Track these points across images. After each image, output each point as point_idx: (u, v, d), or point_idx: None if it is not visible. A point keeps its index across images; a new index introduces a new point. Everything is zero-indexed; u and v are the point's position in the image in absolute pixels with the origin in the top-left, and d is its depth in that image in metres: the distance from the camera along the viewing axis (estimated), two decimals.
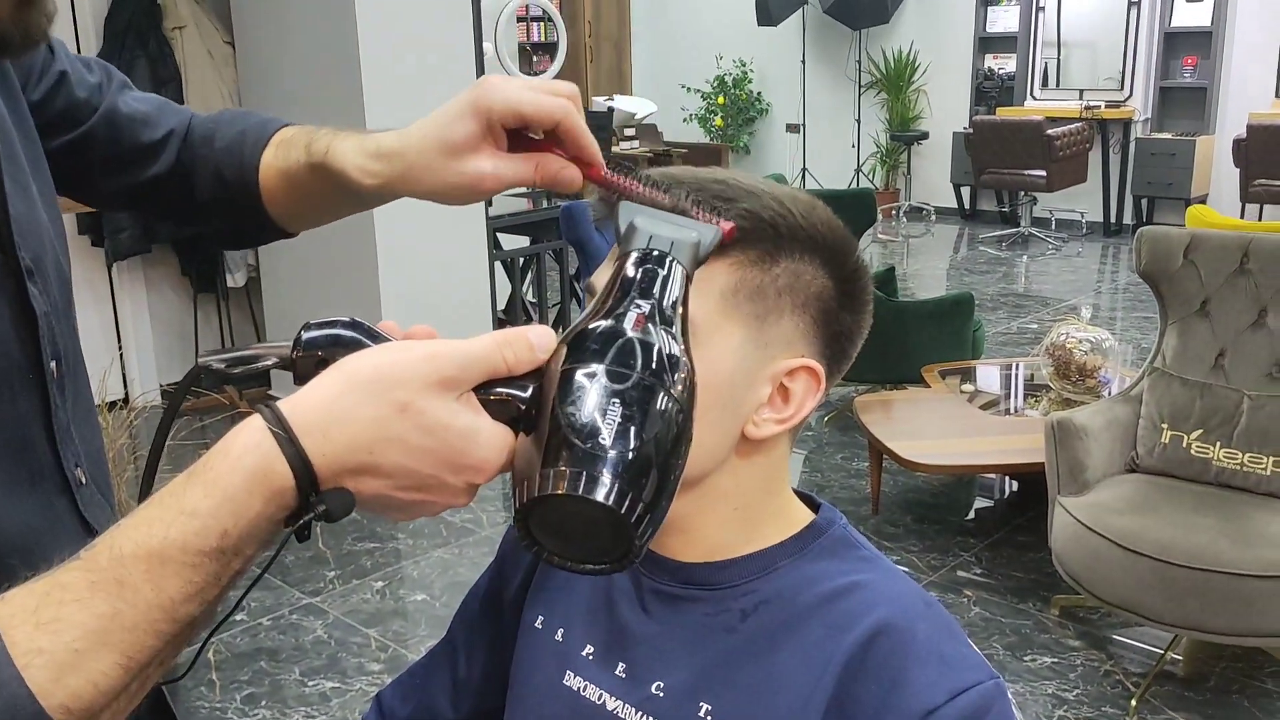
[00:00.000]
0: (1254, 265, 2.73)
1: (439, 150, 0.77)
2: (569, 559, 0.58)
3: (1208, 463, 2.64)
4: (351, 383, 0.55)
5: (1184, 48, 8.14)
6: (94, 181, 0.95)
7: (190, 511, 0.52)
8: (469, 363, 0.56)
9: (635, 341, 0.58)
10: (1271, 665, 2.64)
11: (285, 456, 0.53)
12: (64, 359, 0.80)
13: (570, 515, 0.55)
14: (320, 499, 0.54)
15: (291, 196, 0.94)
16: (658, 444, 0.56)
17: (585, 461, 0.54)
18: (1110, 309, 6.43)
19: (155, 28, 4.31)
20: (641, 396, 0.56)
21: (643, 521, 0.55)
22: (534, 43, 9.45)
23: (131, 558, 0.51)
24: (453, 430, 0.55)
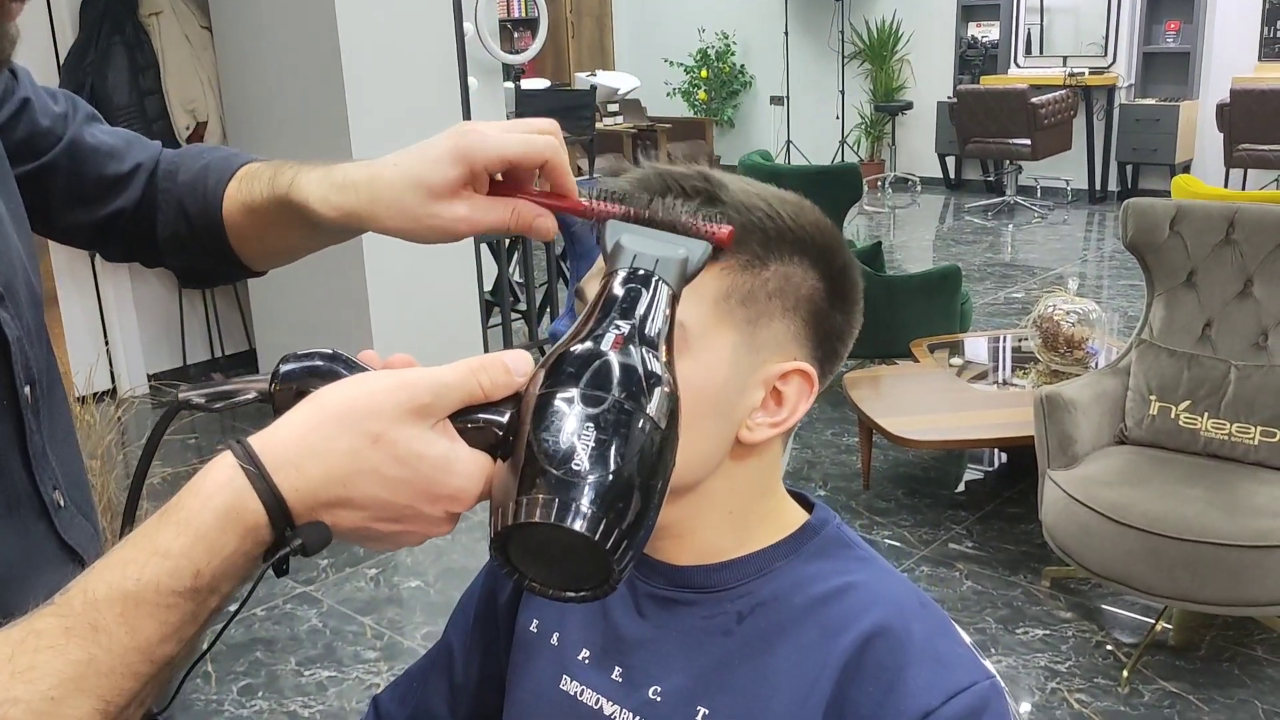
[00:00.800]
0: (1240, 235, 2.74)
1: (414, 190, 0.75)
2: (550, 586, 0.57)
3: (1196, 433, 2.65)
4: (323, 415, 0.55)
5: (1167, 12, 8.12)
6: (52, 214, 0.92)
7: (163, 552, 0.51)
8: (442, 390, 0.56)
9: (613, 364, 0.57)
10: (1261, 633, 2.66)
11: (257, 493, 0.52)
12: (38, 383, 0.79)
13: (548, 542, 0.54)
14: (296, 534, 0.54)
15: (256, 231, 0.92)
16: (637, 468, 0.55)
17: (559, 488, 0.53)
18: (1096, 277, 6.45)
19: (132, 14, 4.27)
20: (618, 420, 0.56)
21: (620, 547, 0.54)
22: (514, 19, 9.36)
23: (105, 601, 0.51)
24: (427, 460, 0.55)
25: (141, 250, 0.98)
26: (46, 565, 0.77)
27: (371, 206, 0.77)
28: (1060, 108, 7.84)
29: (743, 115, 10.33)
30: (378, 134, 3.97)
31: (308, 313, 4.36)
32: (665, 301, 0.63)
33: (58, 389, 0.85)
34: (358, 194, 0.78)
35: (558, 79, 9.28)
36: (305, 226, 0.85)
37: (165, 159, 0.97)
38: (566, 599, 0.56)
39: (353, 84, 3.91)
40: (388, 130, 3.99)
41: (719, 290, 0.71)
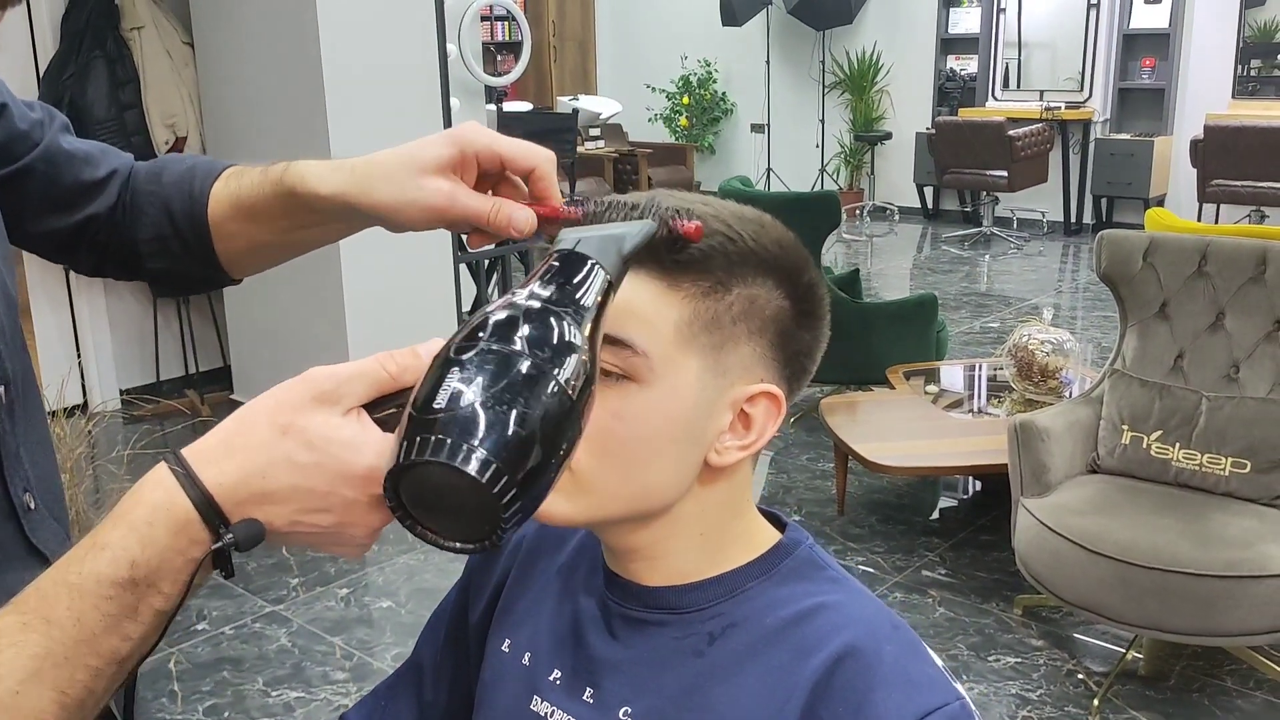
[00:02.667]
0: (1212, 268, 2.77)
1: (405, 165, 0.78)
2: (441, 536, 0.57)
3: (1167, 463, 2.67)
4: (240, 417, 0.58)
5: (1142, 49, 8.24)
6: (26, 220, 0.92)
7: (101, 544, 0.55)
8: (347, 377, 0.59)
9: (523, 323, 0.58)
10: (1231, 664, 2.68)
11: (184, 490, 0.56)
12: (12, 384, 0.78)
13: (440, 488, 0.54)
14: (229, 530, 0.57)
15: (242, 226, 0.92)
16: (539, 425, 0.55)
17: (454, 429, 0.53)
18: (1071, 308, 6.50)
19: (113, 28, 4.26)
20: (526, 376, 0.56)
21: (509, 496, 0.54)
22: (498, 42, 9.40)
23: (53, 595, 0.54)
24: (335, 442, 0.57)
25: (113, 259, 0.98)
26: (11, 566, 0.77)
27: (363, 182, 0.81)
28: (1037, 141, 7.93)
29: (723, 142, 10.40)
30: (359, 151, 3.92)
31: (283, 329, 4.34)
32: (594, 278, 0.62)
33: (33, 393, 0.84)
34: (353, 172, 0.82)
35: (540, 102, 9.32)
36: (295, 213, 0.87)
37: (144, 165, 0.98)
38: (454, 549, 0.56)
39: (335, 103, 3.91)
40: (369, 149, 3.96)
41: (681, 317, 0.70)
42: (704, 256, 0.70)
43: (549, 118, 7.49)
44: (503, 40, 9.45)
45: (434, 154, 0.77)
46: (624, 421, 0.71)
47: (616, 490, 0.72)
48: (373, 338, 4.07)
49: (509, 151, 0.77)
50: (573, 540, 0.86)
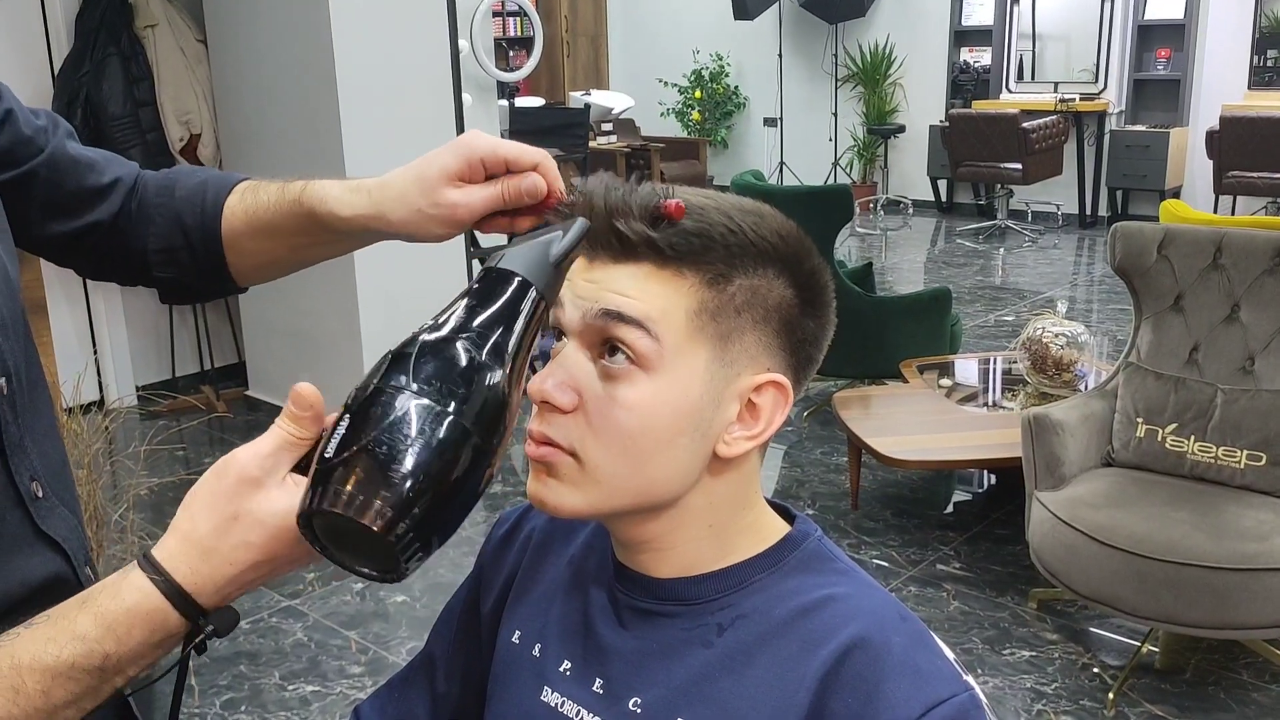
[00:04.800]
0: (1227, 260, 2.76)
1: (415, 182, 0.82)
2: (352, 563, 0.60)
3: (1182, 456, 2.66)
4: (191, 516, 0.65)
5: (1157, 40, 8.19)
6: (30, 224, 0.94)
7: (80, 637, 0.62)
8: (263, 454, 0.65)
9: (411, 356, 0.59)
10: (1247, 657, 2.67)
11: (162, 592, 0.63)
12: (14, 375, 0.79)
13: (345, 527, 0.57)
14: (208, 620, 0.64)
15: (256, 241, 0.95)
16: (427, 460, 0.56)
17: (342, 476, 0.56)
18: (1086, 301, 6.47)
19: (127, 26, 4.27)
20: (405, 409, 0.57)
21: (405, 540, 0.56)
22: (510, 38, 9.41)
23: (28, 669, 0.61)
24: (278, 513, 0.64)
25: (117, 266, 1.00)
26: (18, 551, 0.79)
27: (380, 205, 0.85)
28: (1051, 133, 7.89)
29: (736, 136, 10.38)
30: (371, 147, 3.99)
31: (298, 326, 4.36)
32: (516, 294, 0.63)
33: (40, 384, 0.86)
34: (369, 195, 0.86)
35: (552, 97, 9.32)
36: (313, 231, 0.90)
37: (154, 176, 0.99)
38: (366, 576, 0.61)
39: (347, 98, 3.92)
40: (381, 144, 4.00)
41: (689, 308, 0.71)
42: (705, 247, 0.71)
43: (561, 113, 7.49)
44: (515, 36, 9.45)
45: (440, 167, 0.82)
46: (632, 412, 0.71)
47: (625, 481, 0.73)
48: (386, 333, 4.08)
49: (512, 153, 0.81)
50: (582, 533, 0.87)
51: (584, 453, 0.72)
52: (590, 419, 0.71)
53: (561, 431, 0.72)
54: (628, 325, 0.70)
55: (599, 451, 0.72)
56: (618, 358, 0.71)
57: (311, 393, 0.66)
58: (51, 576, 0.82)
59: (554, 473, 0.73)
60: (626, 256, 0.71)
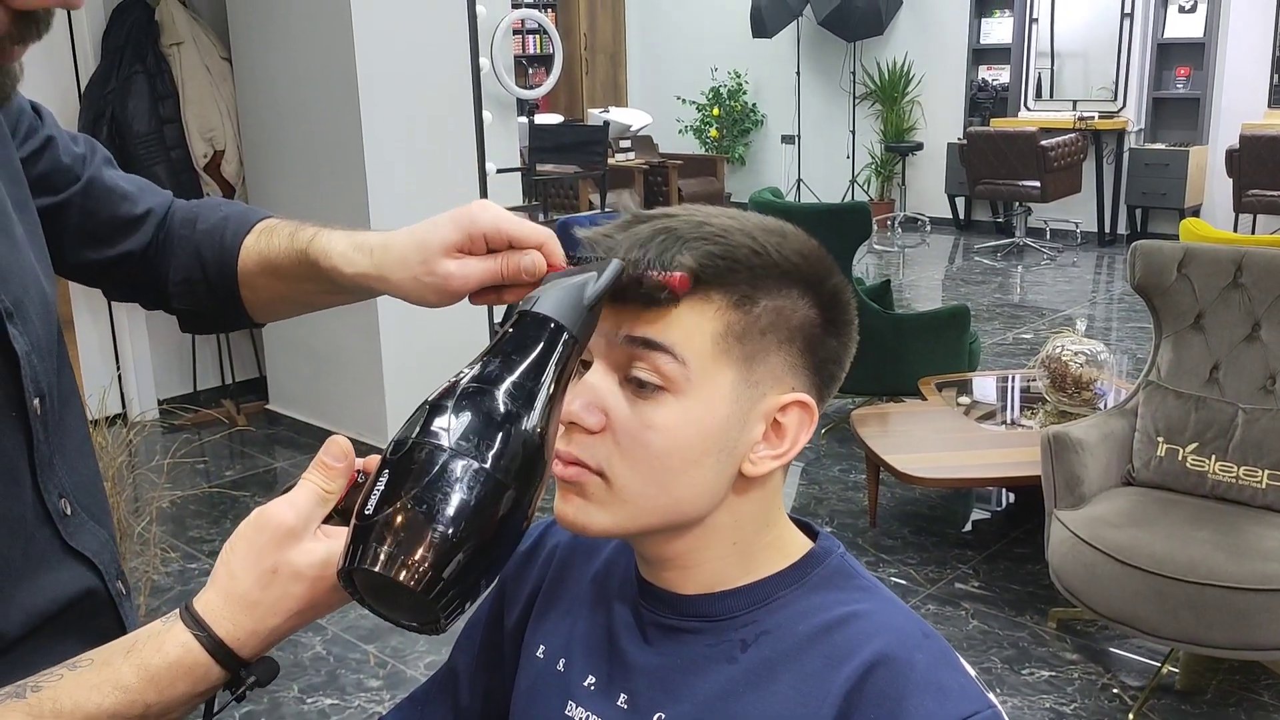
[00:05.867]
0: (1247, 279, 2.75)
1: (416, 249, 0.82)
2: (392, 615, 0.62)
3: (1203, 476, 2.65)
4: (231, 572, 0.67)
5: (1177, 58, 8.18)
6: (64, 251, 0.96)
7: (123, 688, 0.64)
8: (300, 506, 0.67)
9: (448, 408, 0.60)
10: (1268, 678, 2.65)
11: (205, 648, 0.65)
12: (47, 396, 0.81)
13: (381, 586, 0.58)
14: (249, 671, 0.67)
15: (268, 282, 0.97)
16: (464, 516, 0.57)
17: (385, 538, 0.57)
18: (1105, 319, 6.45)
19: (153, 44, 4.33)
20: (442, 466, 0.57)
21: (444, 597, 0.57)
22: (530, 55, 9.47)
23: (69, 715, 0.63)
24: (316, 566, 0.66)
25: (144, 293, 1.02)
26: (48, 567, 0.80)
27: (380, 267, 0.86)
28: (1070, 151, 7.88)
29: (754, 153, 10.40)
30: (393, 164, 4.02)
31: (319, 341, 4.39)
32: (551, 338, 0.64)
33: (73, 402, 0.87)
34: (371, 256, 0.87)
35: (571, 115, 9.36)
36: (318, 280, 0.92)
37: (182, 207, 1.01)
38: (402, 626, 0.63)
39: (369, 115, 3.96)
40: (403, 161, 4.03)
41: (715, 330, 0.72)
42: (730, 269, 0.72)
43: (579, 130, 7.52)
44: (534, 53, 9.52)
45: (441, 239, 0.81)
46: (660, 433, 0.72)
47: (652, 501, 0.73)
48: (406, 349, 4.10)
49: (516, 231, 0.80)
50: (605, 549, 0.87)
51: (611, 473, 0.73)
52: (618, 439, 0.72)
53: (589, 452, 0.73)
54: (655, 350, 0.71)
55: (626, 471, 0.72)
56: (645, 380, 0.72)
57: (345, 446, 0.69)
58: (82, 591, 0.83)
59: (582, 493, 0.74)
60: None
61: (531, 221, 0.82)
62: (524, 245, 0.80)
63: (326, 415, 4.45)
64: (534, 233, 0.80)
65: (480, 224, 0.80)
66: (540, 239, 0.80)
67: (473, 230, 0.80)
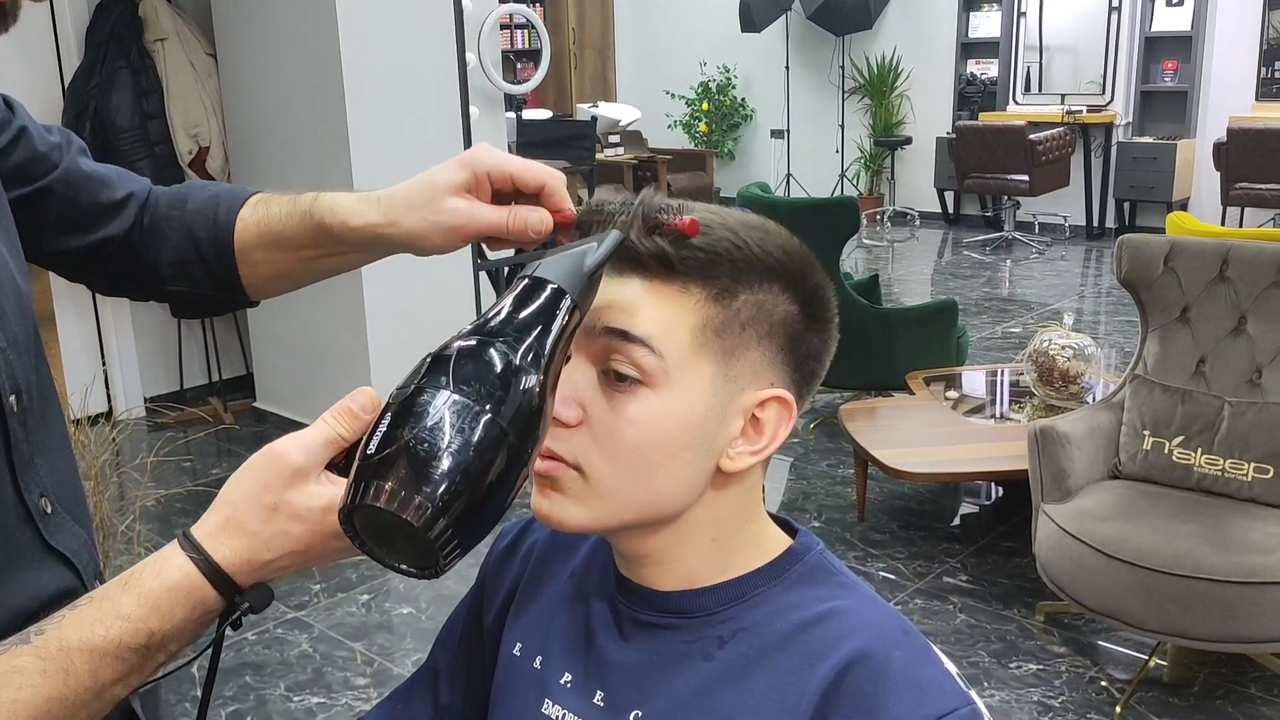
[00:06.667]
0: (1233, 273, 2.75)
1: (423, 190, 0.83)
2: (391, 559, 0.61)
3: (1189, 469, 2.65)
4: (232, 501, 0.67)
5: (1164, 52, 8.19)
6: (43, 240, 0.95)
7: (125, 616, 0.64)
8: (310, 448, 0.67)
9: (460, 361, 0.60)
10: (1255, 671, 2.65)
11: (200, 570, 0.65)
12: (24, 393, 0.80)
13: (387, 523, 0.58)
14: (244, 597, 0.67)
15: (267, 254, 0.96)
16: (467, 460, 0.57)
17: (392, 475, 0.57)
18: (1094, 313, 6.46)
19: (137, 39, 4.30)
20: (445, 409, 0.58)
21: (444, 536, 0.57)
22: (517, 50, 9.45)
23: (76, 650, 0.63)
24: (317, 509, 0.66)
25: (131, 281, 1.01)
26: (28, 566, 0.80)
27: (390, 213, 0.86)
28: (1058, 145, 7.89)
29: (743, 148, 10.40)
30: (379, 160, 4.00)
31: (306, 338, 4.38)
32: (552, 301, 0.64)
33: (50, 400, 0.86)
34: (379, 204, 0.87)
35: (559, 109, 9.34)
36: (322, 243, 0.92)
37: (165, 192, 1.00)
38: (403, 573, 0.62)
39: (355, 111, 3.94)
40: (389, 156, 4.02)
41: (695, 323, 0.71)
42: (711, 262, 0.71)
43: (567, 125, 7.51)
44: (522, 48, 9.50)
45: (448, 178, 0.82)
46: (637, 427, 0.71)
47: (629, 496, 0.73)
48: (394, 346, 4.09)
49: (518, 170, 0.81)
50: (584, 546, 0.87)
51: (588, 467, 0.72)
52: (595, 433, 0.72)
53: (566, 446, 0.72)
54: (632, 343, 0.71)
55: (603, 466, 0.72)
56: (623, 374, 0.71)
57: (374, 399, 0.68)
58: (61, 591, 0.82)
59: (558, 487, 0.73)
60: (632, 272, 0.72)
61: (535, 164, 0.82)
62: (525, 184, 0.81)
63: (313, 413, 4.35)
64: (537, 173, 0.81)
65: (483, 163, 0.82)
66: (542, 179, 0.81)
67: (477, 168, 0.82)
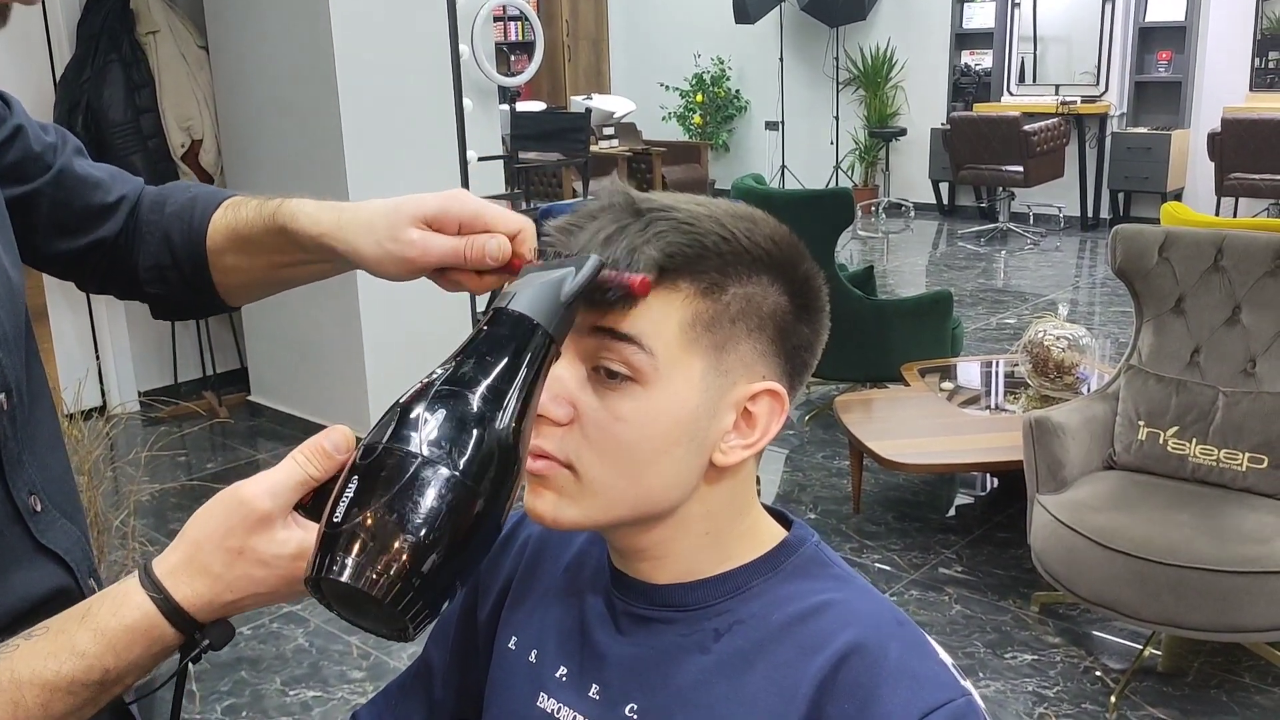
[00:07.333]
0: (1228, 262, 2.75)
1: (385, 215, 0.81)
2: (361, 622, 0.60)
3: (1184, 459, 2.65)
4: (196, 541, 0.66)
5: (1158, 42, 8.19)
6: (36, 241, 0.94)
7: (80, 653, 0.63)
8: (278, 492, 0.65)
9: (419, 415, 0.58)
10: (1249, 660, 2.66)
11: (160, 610, 0.65)
12: (14, 390, 0.79)
13: (349, 595, 0.57)
14: (204, 634, 0.66)
15: (236, 259, 0.95)
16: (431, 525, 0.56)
17: (347, 545, 0.56)
18: (1088, 303, 6.47)
19: (128, 32, 4.28)
20: (411, 473, 0.56)
21: (407, 604, 0.56)
22: (511, 42, 9.42)
23: (28, 684, 0.63)
24: (284, 556, 0.65)
25: (116, 282, 1.00)
26: (18, 565, 0.79)
27: (346, 228, 0.84)
28: (1053, 135, 7.89)
29: (737, 139, 10.38)
30: (373, 152, 3.99)
31: (300, 331, 4.36)
32: (526, 337, 0.62)
33: (42, 397, 0.85)
34: (339, 216, 0.85)
35: (554, 102, 9.33)
36: (285, 249, 0.90)
37: (150, 193, 1.00)
38: (370, 633, 0.62)
39: (348, 104, 3.93)
40: (383, 149, 4.00)
41: (684, 318, 0.71)
42: (699, 256, 0.70)
43: (561, 117, 7.48)
44: (516, 40, 9.47)
45: (414, 207, 0.81)
46: (629, 424, 0.71)
47: (622, 493, 0.73)
48: (388, 339, 4.08)
49: (493, 216, 0.79)
50: (578, 540, 0.86)
51: (580, 465, 0.72)
52: (586, 432, 0.71)
53: (557, 445, 0.72)
54: (622, 341, 0.70)
55: (595, 464, 0.71)
56: (613, 371, 0.71)
57: (349, 440, 0.66)
58: (54, 590, 0.82)
59: (551, 486, 0.73)
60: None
61: (514, 211, 0.81)
62: (500, 230, 0.79)
63: (308, 406, 4.43)
64: (511, 220, 0.79)
65: (458, 204, 0.80)
66: (516, 226, 0.79)
67: (450, 207, 0.80)
